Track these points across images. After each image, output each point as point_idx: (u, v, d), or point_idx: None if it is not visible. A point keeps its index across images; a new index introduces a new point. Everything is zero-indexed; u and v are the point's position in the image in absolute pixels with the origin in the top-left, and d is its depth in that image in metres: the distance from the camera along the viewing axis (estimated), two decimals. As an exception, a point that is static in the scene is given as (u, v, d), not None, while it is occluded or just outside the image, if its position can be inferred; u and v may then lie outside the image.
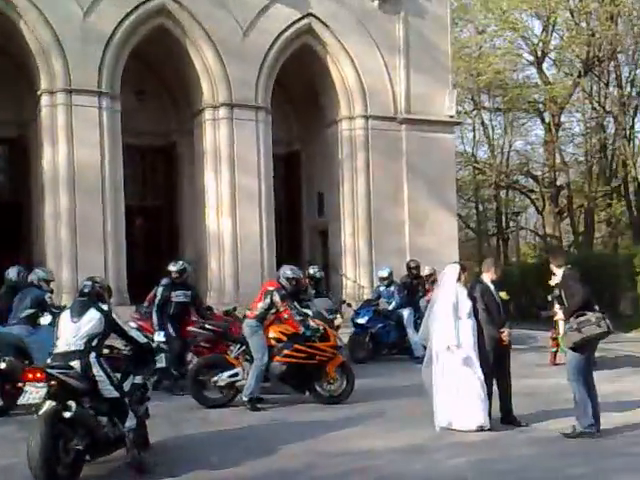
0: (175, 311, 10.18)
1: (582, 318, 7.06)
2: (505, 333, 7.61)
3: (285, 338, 8.91)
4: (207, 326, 9.90)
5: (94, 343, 5.98)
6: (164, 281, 10.41)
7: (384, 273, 13.78)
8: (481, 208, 37.28)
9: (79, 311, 6.10)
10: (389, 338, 13.15)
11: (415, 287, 13.77)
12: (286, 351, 8.84)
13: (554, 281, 8.20)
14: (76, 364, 5.80)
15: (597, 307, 7.27)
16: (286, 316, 8.91)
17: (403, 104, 17.70)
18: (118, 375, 6.09)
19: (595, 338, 7.15)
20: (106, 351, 6.30)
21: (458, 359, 7.44)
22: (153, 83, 18.44)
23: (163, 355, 7.49)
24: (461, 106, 29.39)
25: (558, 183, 31.41)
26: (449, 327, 7.48)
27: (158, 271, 11.37)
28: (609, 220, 32.50)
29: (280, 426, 7.87)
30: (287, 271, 9.36)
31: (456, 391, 7.44)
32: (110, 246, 15.07)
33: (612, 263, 20.10)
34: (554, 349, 11.87)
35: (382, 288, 13.72)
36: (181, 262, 10.64)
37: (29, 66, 15.57)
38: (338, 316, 11.68)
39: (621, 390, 9.60)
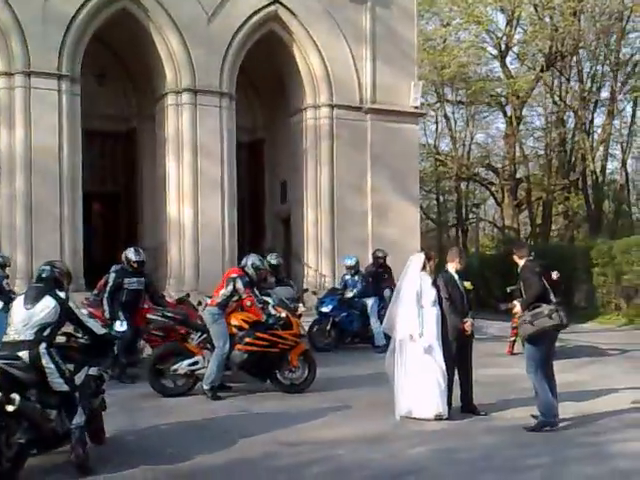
0: (127, 298, 9.97)
1: (536, 310, 7.12)
2: (468, 323, 7.69)
3: (247, 326, 8.84)
4: (167, 314, 9.75)
5: (46, 333, 5.68)
6: (115, 267, 10.22)
7: (351, 262, 13.71)
8: (442, 199, 37.62)
9: (33, 298, 5.78)
10: (352, 327, 13.13)
11: (381, 276, 13.73)
12: (248, 339, 8.77)
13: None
14: (24, 355, 5.51)
15: (553, 299, 7.34)
16: (249, 303, 8.83)
17: (369, 94, 17.69)
18: (71, 366, 5.82)
19: (548, 330, 7.19)
20: (62, 339, 6.07)
21: (420, 348, 7.47)
22: (115, 67, 18.14)
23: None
24: (424, 98, 29.46)
25: (518, 176, 31.87)
26: (412, 316, 7.51)
27: (116, 258, 11.18)
28: (566, 213, 33.03)
29: (240, 415, 7.80)
30: (255, 260, 9.25)
31: (416, 380, 7.47)
32: (66, 231, 14.79)
33: (569, 255, 20.36)
34: (512, 338, 12.04)
35: (348, 277, 13.67)
36: (142, 251, 10.42)
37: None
38: (300, 305, 11.62)
39: (579, 380, 9.76)
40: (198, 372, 8.74)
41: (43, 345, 5.61)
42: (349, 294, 13.24)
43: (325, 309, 13.09)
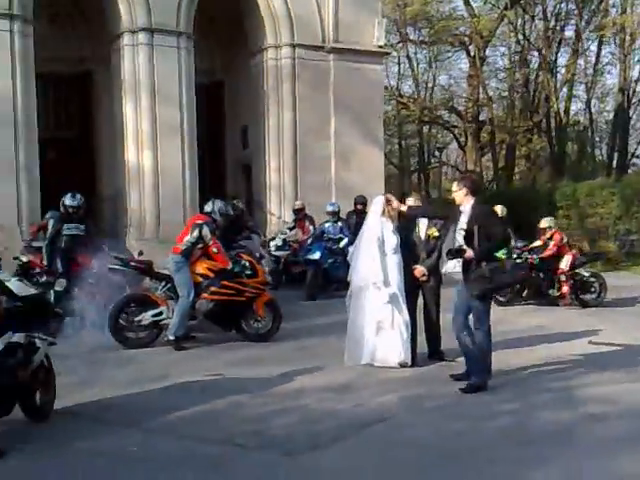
0: (66, 245, 9.73)
1: (495, 264, 6.46)
2: (417, 270, 7.50)
3: (212, 274, 8.68)
4: (131, 263, 9.50)
5: None
6: (51, 214, 9.99)
7: (333, 208, 13.50)
8: (404, 144, 37.40)
9: None
10: (338, 273, 12.52)
11: (360, 224, 13.51)
12: (213, 288, 8.63)
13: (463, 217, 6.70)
14: None
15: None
16: (215, 250, 8.65)
17: (331, 33, 17.20)
18: None
19: (505, 287, 6.98)
20: None
21: (383, 295, 7.38)
22: (68, 7, 17.33)
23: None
24: (387, 39, 28.96)
25: (481, 118, 31.73)
26: (375, 263, 7.38)
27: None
28: (529, 155, 33.14)
29: (204, 366, 7.65)
30: (222, 205, 9.04)
31: (378, 328, 7.41)
32: (23, 181, 14.25)
33: (532, 197, 20.44)
34: None
35: (328, 224, 13.44)
36: (79, 196, 10.05)
37: None
38: (266, 255, 11.51)
39: (539, 324, 9.85)
40: (162, 322, 8.58)
41: None
42: (340, 244, 13.00)
43: (314, 256, 12.87)
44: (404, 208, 7.35)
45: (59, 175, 17.72)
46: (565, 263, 11.93)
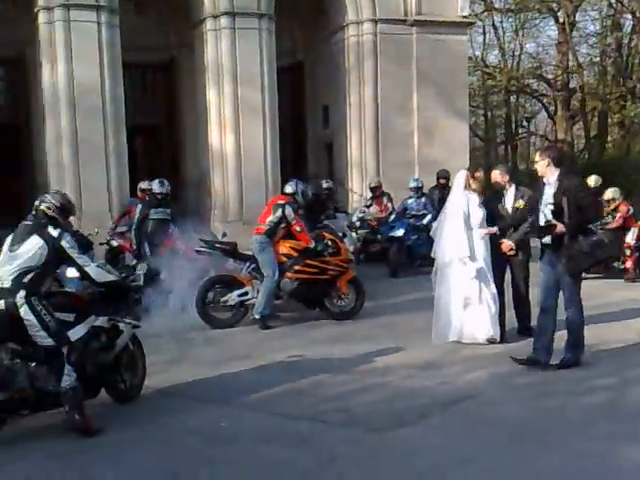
0: (153, 229, 9.95)
1: (594, 239, 6.18)
2: (504, 244, 7.12)
3: (296, 254, 8.72)
4: (216, 245, 9.64)
5: (26, 279, 4.98)
6: (133, 200, 10.42)
7: (416, 184, 13.23)
8: (490, 115, 36.44)
9: (21, 238, 5.10)
10: (422, 250, 12.17)
11: (444, 199, 13.20)
12: (297, 267, 8.66)
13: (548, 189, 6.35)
14: (1, 305, 4.93)
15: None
16: (298, 229, 8.69)
17: (414, 6, 16.84)
18: (71, 315, 5.18)
19: (602, 261, 6.64)
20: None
21: (470, 270, 7.23)
22: (152, -5, 17.70)
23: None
24: (471, 8, 28.22)
25: (571, 86, 30.51)
26: (460, 238, 7.23)
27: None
28: (622, 122, 31.70)
29: (290, 344, 7.70)
30: (302, 186, 9.07)
31: (466, 304, 7.27)
32: (113, 167, 14.72)
33: (626, 168, 19.60)
34: None
35: (411, 200, 13.18)
36: (166, 183, 10.26)
37: (25, -18, 14.91)
38: (353, 234, 11.40)
39: (632, 297, 9.45)
40: (248, 302, 8.69)
41: (21, 293, 4.95)
42: (423, 221, 12.72)
43: (398, 233, 12.61)
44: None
45: (146, 161, 18.27)
46: (631, 236, 11.31)
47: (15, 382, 4.91)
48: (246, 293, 8.70)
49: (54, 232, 5.12)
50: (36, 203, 5.34)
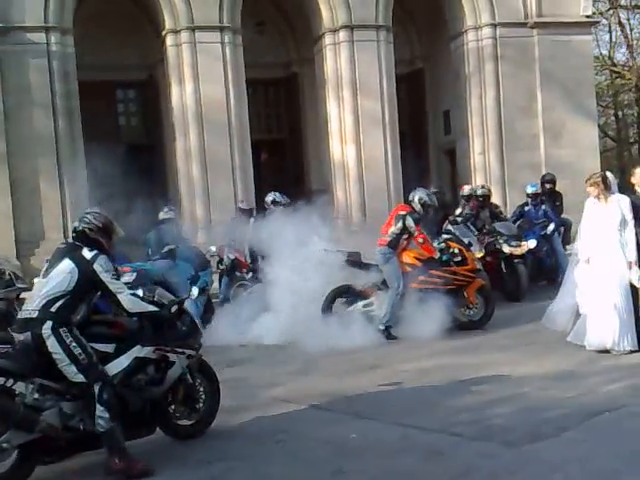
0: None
1: None
2: None
3: (420, 264, 8.62)
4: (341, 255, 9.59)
5: (54, 307, 4.54)
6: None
7: (535, 189, 11.71)
8: (620, 114, 34.80)
9: (53, 262, 4.80)
10: (550, 261, 11.39)
11: (553, 204, 12.07)
12: (422, 277, 8.55)
13: None
14: (27, 336, 4.54)
15: None
16: (421, 240, 8.60)
17: (534, 7, 16.57)
18: (110, 346, 4.71)
19: None
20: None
21: (617, 274, 6.86)
22: (272, 14, 18.22)
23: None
24: (595, 6, 27.14)
25: None
26: (630, 241, 6.87)
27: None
28: None
29: (418, 354, 7.61)
30: (423, 195, 8.87)
31: (608, 309, 6.91)
32: (239, 181, 15.24)
33: None
34: None
35: (529, 207, 11.68)
36: (284, 196, 10.49)
37: (153, 8, 15.72)
38: (524, 244, 10.58)
39: None
40: (372, 313, 8.66)
41: (48, 324, 4.50)
42: (547, 230, 11.38)
43: (531, 245, 10.94)
44: None
45: (271, 174, 18.69)
46: None
47: (40, 421, 4.39)
48: (371, 304, 8.69)
49: (88, 254, 4.70)
50: (75, 224, 4.95)
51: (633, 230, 6.92)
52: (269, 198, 10.51)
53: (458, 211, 11.73)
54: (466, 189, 12.28)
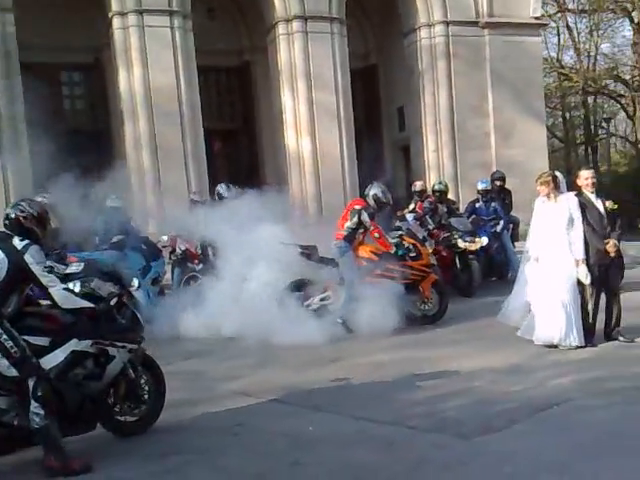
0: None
1: None
2: (610, 244, 7.08)
3: (376, 258, 8.67)
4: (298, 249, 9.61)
5: None
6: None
7: (485, 186, 11.91)
8: (568, 116, 35.60)
9: None
10: (500, 257, 11.52)
11: (502, 202, 12.25)
12: (378, 271, 8.60)
13: None
14: None
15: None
16: (377, 235, 8.65)
17: (485, 7, 16.80)
18: (45, 340, 4.51)
19: None
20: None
21: (564, 271, 7.02)
22: (223, 0, 17.94)
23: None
24: (544, 9, 27.61)
25: (649, 86, 29.57)
26: (578, 239, 7.03)
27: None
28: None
29: (372, 347, 7.69)
30: (377, 191, 8.86)
31: (554, 305, 7.08)
32: (192, 170, 15.01)
33: None
34: None
35: (480, 204, 11.85)
36: (232, 187, 10.44)
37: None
38: (478, 240, 10.72)
39: None
40: (330, 306, 8.68)
41: None
42: (497, 228, 11.60)
43: (484, 242, 11.08)
44: None
45: (226, 164, 18.52)
46: None
47: None
48: (328, 297, 8.71)
49: (19, 244, 4.48)
50: (7, 211, 4.67)
51: (581, 228, 7.08)
52: (217, 189, 10.45)
53: (411, 207, 11.89)
54: (418, 185, 12.57)
